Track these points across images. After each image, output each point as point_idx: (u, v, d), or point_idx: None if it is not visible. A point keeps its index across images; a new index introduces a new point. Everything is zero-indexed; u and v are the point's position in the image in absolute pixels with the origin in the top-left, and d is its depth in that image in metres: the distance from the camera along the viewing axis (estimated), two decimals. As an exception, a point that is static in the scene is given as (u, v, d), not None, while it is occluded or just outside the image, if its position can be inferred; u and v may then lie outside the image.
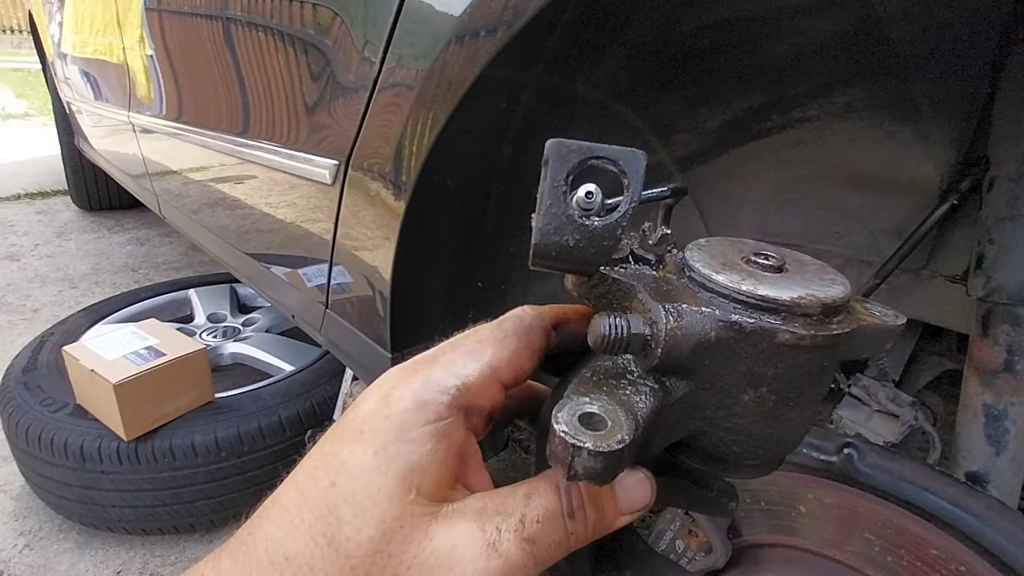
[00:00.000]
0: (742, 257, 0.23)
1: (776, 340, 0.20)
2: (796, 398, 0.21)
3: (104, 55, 1.64)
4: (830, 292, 0.21)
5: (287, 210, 0.93)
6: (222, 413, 1.18)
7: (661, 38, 0.60)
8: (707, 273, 0.22)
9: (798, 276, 0.22)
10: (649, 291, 0.21)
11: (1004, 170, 0.55)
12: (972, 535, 0.42)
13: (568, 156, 0.20)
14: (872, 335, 0.22)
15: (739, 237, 0.26)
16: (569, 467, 0.17)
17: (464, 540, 0.20)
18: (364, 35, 0.63)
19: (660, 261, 0.24)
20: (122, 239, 2.80)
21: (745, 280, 0.21)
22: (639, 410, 0.20)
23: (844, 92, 0.65)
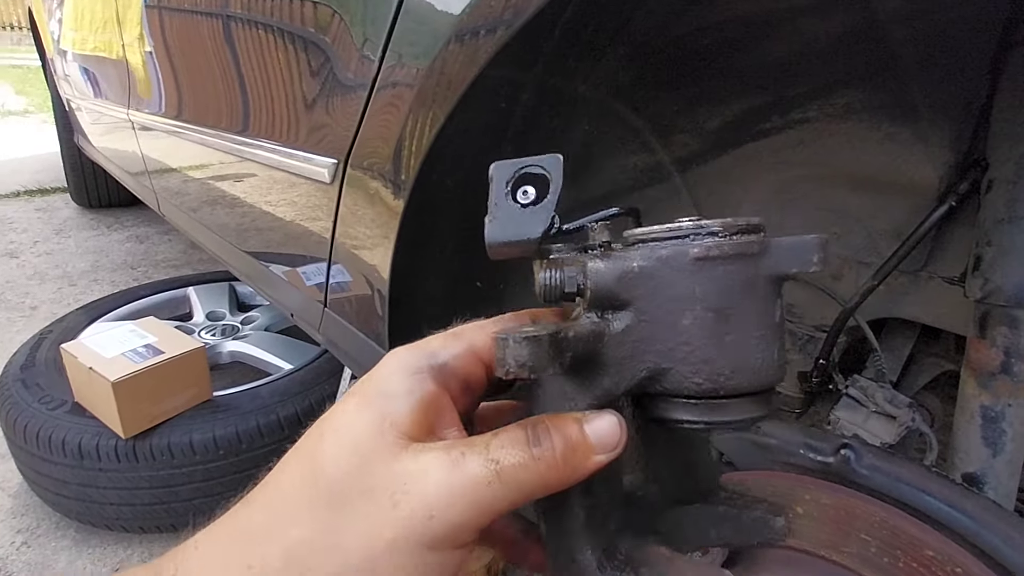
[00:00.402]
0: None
1: (689, 256, 0.22)
2: (734, 313, 0.22)
3: (104, 52, 1.64)
4: (738, 220, 0.24)
5: (286, 208, 0.93)
6: (220, 411, 1.18)
7: (661, 38, 0.60)
8: (634, 232, 0.25)
9: None
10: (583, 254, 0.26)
11: (1002, 172, 0.55)
12: (968, 537, 0.42)
13: (506, 170, 0.26)
14: (790, 248, 0.23)
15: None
16: (502, 361, 0.20)
17: (432, 461, 0.22)
18: (363, 33, 0.63)
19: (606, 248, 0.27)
20: (121, 237, 2.80)
21: (663, 227, 0.24)
22: (573, 328, 0.23)
23: (843, 93, 0.65)
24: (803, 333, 0.87)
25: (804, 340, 0.88)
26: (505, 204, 0.26)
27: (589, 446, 0.23)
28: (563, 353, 0.21)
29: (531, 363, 0.20)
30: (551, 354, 0.20)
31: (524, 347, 0.20)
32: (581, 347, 0.22)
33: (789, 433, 0.52)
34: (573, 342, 0.22)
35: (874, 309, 0.76)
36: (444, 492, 0.21)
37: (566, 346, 0.21)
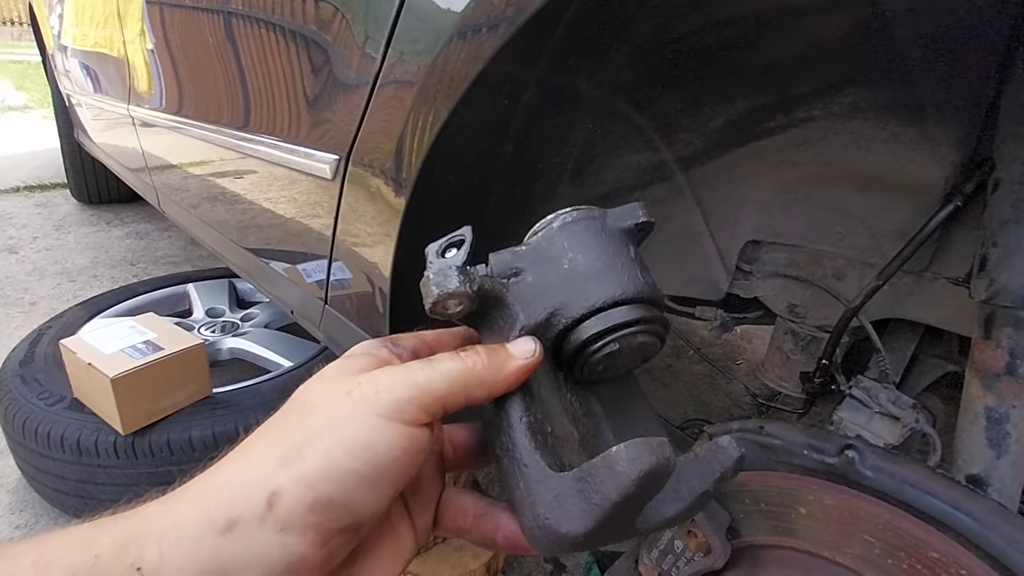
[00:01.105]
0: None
1: (554, 227, 0.32)
2: (595, 254, 0.30)
3: (104, 48, 1.64)
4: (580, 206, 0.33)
5: (286, 205, 0.93)
6: (220, 408, 1.18)
7: (665, 36, 0.59)
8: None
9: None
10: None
11: (1009, 172, 0.55)
12: (973, 538, 0.41)
13: (436, 245, 0.32)
14: (622, 211, 0.33)
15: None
16: (427, 291, 0.29)
17: (375, 365, 0.29)
18: (365, 30, 0.63)
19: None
20: (121, 233, 2.79)
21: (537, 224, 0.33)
22: (481, 274, 0.31)
23: (849, 92, 0.64)
24: (806, 333, 0.87)
25: (807, 340, 0.87)
26: (437, 263, 0.31)
27: (508, 351, 0.28)
28: (472, 282, 0.29)
29: (448, 288, 0.28)
30: (462, 280, 0.28)
31: (442, 275, 0.29)
32: (488, 285, 0.30)
33: (792, 434, 0.52)
34: (481, 280, 0.29)
35: (878, 309, 0.76)
36: (386, 376, 0.27)
37: (474, 277, 0.29)
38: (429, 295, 0.29)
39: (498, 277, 0.31)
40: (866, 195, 0.72)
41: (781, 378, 0.91)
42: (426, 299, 0.29)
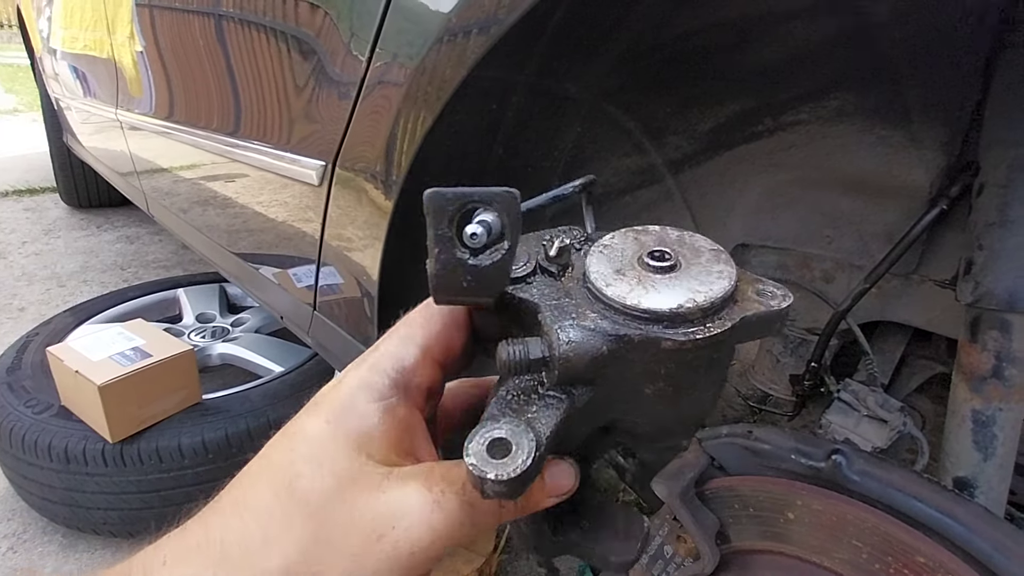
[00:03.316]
0: (638, 257, 0.26)
1: (661, 347, 0.23)
2: (693, 386, 0.25)
3: (93, 51, 1.63)
4: (712, 292, 0.24)
5: (275, 210, 0.92)
6: (210, 415, 1.17)
7: (653, 40, 0.59)
8: (600, 286, 0.25)
9: (686, 275, 0.25)
10: (549, 309, 0.25)
11: (994, 176, 0.55)
12: (959, 543, 0.41)
13: (445, 204, 0.22)
14: (758, 323, 0.25)
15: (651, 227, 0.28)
16: (482, 491, 0.21)
17: (413, 495, 0.23)
18: (351, 30, 0.63)
19: (563, 270, 0.27)
20: (111, 237, 2.77)
21: (633, 290, 0.24)
22: (544, 426, 0.23)
23: (835, 96, 0.65)
24: (795, 336, 0.87)
25: (796, 343, 0.88)
26: (449, 250, 0.22)
27: (545, 492, 0.25)
28: (539, 466, 0.22)
29: (514, 495, 0.21)
30: (531, 478, 0.21)
31: (503, 487, 0.21)
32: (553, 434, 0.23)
33: (781, 438, 0.52)
34: (548, 441, 0.22)
35: (866, 312, 0.76)
36: (426, 533, 0.22)
37: (541, 458, 0.22)
38: (472, 483, 0.21)
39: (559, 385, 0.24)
40: (854, 198, 0.73)
41: (771, 381, 0.92)
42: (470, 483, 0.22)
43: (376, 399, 0.25)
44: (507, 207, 0.22)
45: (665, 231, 0.28)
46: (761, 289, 0.26)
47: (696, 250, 0.27)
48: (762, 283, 0.26)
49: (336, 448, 0.23)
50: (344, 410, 0.25)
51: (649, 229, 0.28)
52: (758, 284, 0.26)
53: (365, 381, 0.25)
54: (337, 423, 0.24)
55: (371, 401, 0.25)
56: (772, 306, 0.25)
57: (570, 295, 0.26)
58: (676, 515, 0.53)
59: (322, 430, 0.24)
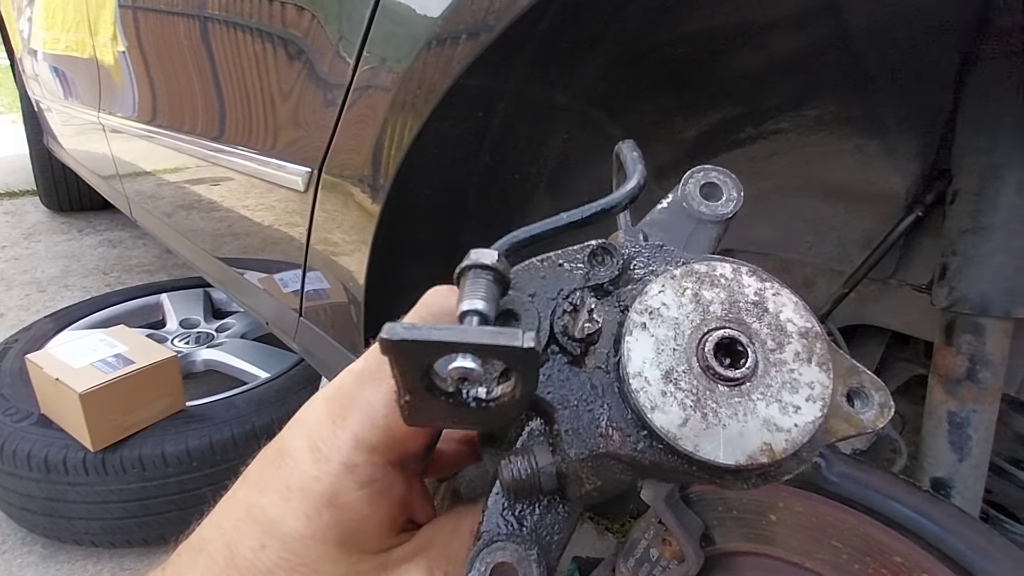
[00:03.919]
0: (699, 347, 0.20)
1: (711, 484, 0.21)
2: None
3: (75, 52, 1.60)
4: (794, 434, 0.19)
5: (261, 215, 0.92)
6: (194, 422, 1.15)
7: (638, 49, 0.60)
8: (643, 405, 0.19)
9: (764, 390, 0.20)
10: (568, 416, 0.20)
11: (966, 183, 0.57)
12: (935, 543, 0.42)
13: (415, 354, 0.17)
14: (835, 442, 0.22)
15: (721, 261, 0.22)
16: None
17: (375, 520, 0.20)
18: (338, 35, 0.62)
19: (585, 353, 0.22)
20: (93, 241, 2.73)
21: (690, 420, 0.19)
22: (554, 543, 0.21)
23: (815, 105, 0.66)
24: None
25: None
26: (424, 399, 0.19)
27: None
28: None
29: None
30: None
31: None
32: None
33: (763, 441, 0.53)
34: (558, 558, 0.21)
35: (846, 316, 0.77)
36: None
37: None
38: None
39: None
40: (833, 205, 0.74)
41: (756, 383, 0.93)
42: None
43: (364, 484, 0.20)
44: (520, 362, 0.18)
45: (739, 279, 0.21)
46: (855, 390, 0.21)
47: (781, 330, 0.21)
48: (858, 379, 0.21)
49: (319, 552, 0.20)
50: (327, 504, 0.20)
51: (717, 274, 0.22)
52: (852, 380, 0.21)
53: (349, 463, 0.20)
54: (319, 520, 0.20)
55: (358, 488, 0.20)
56: (865, 425, 0.21)
57: (597, 392, 0.21)
58: (661, 518, 0.54)
59: (299, 530, 0.20)
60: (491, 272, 0.20)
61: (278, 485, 0.20)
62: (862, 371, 0.22)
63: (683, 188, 0.26)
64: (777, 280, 0.22)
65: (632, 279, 0.23)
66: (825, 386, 0.20)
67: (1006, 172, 0.54)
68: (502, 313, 0.21)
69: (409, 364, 0.17)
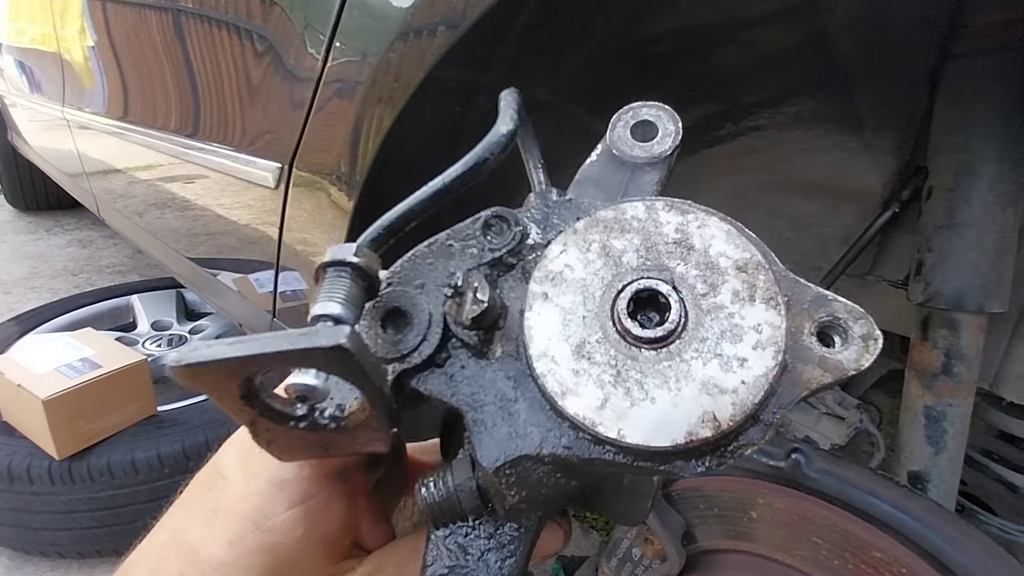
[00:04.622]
0: (613, 309, 0.17)
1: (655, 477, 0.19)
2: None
3: (40, 45, 1.55)
4: (745, 396, 0.16)
5: (236, 214, 0.89)
6: (166, 427, 1.12)
7: (620, 45, 0.60)
8: (554, 392, 0.17)
9: (697, 345, 0.17)
10: (477, 417, 0.17)
11: (941, 180, 0.57)
12: (913, 538, 0.43)
13: (218, 379, 0.15)
14: (808, 395, 0.18)
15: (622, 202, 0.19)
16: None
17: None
18: (306, 25, 0.61)
19: (487, 342, 0.19)
20: (62, 241, 2.64)
21: (609, 401, 0.16)
22: (507, 570, 0.18)
23: (794, 102, 0.66)
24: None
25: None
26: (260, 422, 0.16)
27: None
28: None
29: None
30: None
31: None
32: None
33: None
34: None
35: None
36: None
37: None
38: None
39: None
40: (812, 201, 0.75)
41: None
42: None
43: (296, 503, 0.18)
44: (337, 365, 0.14)
45: (655, 217, 0.18)
46: (828, 324, 0.18)
47: (713, 268, 0.18)
48: (828, 309, 0.18)
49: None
50: (253, 527, 0.18)
51: (627, 217, 0.19)
52: (821, 313, 0.18)
53: (277, 479, 0.18)
54: (241, 546, 0.17)
55: (288, 508, 0.18)
56: (845, 367, 0.17)
57: (510, 385, 0.18)
58: (643, 518, 0.53)
59: (222, 556, 0.17)
60: (349, 269, 0.18)
61: (205, 508, 0.18)
62: (833, 299, 0.18)
63: (611, 134, 0.23)
64: (703, 209, 0.19)
65: (538, 246, 0.20)
66: (776, 326, 0.17)
67: (980, 169, 0.54)
68: (389, 312, 0.20)
69: (220, 390, 0.15)
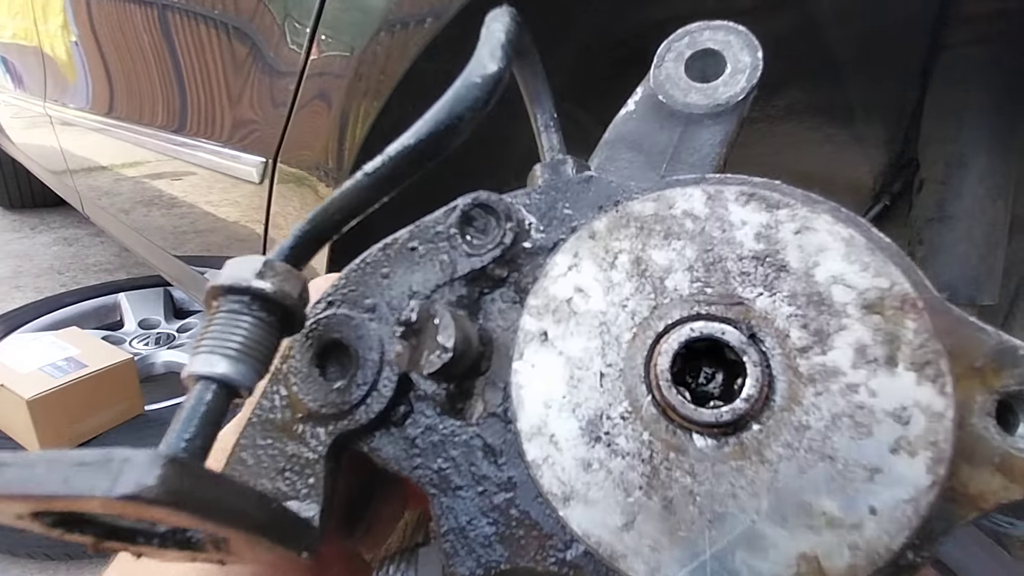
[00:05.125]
0: (650, 382, 0.11)
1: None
2: None
3: (21, 40, 1.52)
4: (852, 552, 0.10)
5: (225, 211, 0.88)
6: (154, 427, 1.11)
7: (606, 38, 0.59)
8: (550, 490, 0.11)
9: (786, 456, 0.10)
10: (445, 510, 0.12)
11: (932, 172, 0.57)
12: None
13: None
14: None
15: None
16: None
17: None
18: (287, 16, 0.59)
19: (463, 395, 0.13)
20: (47, 239, 2.60)
21: (636, 523, 0.10)
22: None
23: (784, 94, 0.66)
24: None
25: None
26: None
27: None
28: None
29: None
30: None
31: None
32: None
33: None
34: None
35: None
36: None
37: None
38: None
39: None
40: (803, 195, 0.74)
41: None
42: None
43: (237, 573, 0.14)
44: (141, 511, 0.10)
45: (722, 214, 0.13)
46: (1015, 396, 0.11)
47: (821, 302, 0.11)
48: (1017, 373, 0.11)
49: None
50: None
51: (676, 213, 0.13)
52: (1004, 379, 0.11)
53: None
54: None
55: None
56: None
57: (492, 460, 0.13)
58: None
59: None
60: (248, 298, 0.13)
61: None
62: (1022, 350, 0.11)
63: (656, 71, 0.15)
64: (801, 199, 0.12)
65: (540, 250, 0.14)
66: (937, 413, 0.10)
67: (970, 161, 0.54)
68: (327, 347, 0.14)
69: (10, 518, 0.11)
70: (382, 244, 0.17)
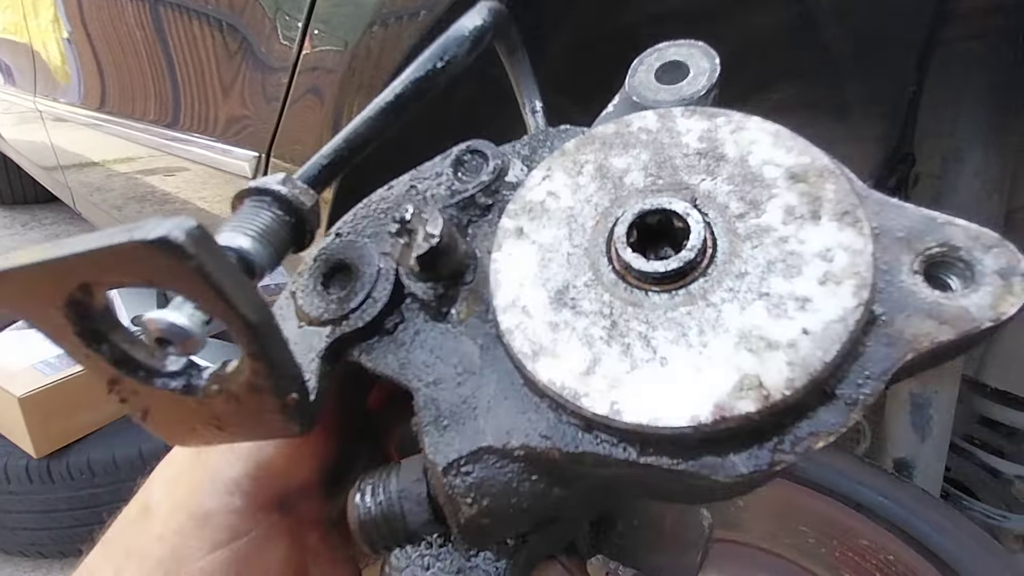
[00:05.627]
0: (610, 252, 0.13)
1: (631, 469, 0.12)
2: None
3: (10, 34, 1.50)
4: (790, 367, 0.11)
5: (219, 208, 0.87)
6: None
7: (601, 30, 0.59)
8: (519, 349, 0.12)
9: (730, 282, 0.12)
10: (429, 401, 0.13)
11: (928, 167, 0.57)
12: (899, 525, 0.43)
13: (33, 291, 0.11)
14: (919, 362, 0.13)
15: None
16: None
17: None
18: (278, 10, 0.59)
19: (449, 300, 0.14)
20: (39, 236, 2.58)
21: (598, 367, 0.11)
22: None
23: (778, 88, 0.66)
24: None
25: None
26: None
27: None
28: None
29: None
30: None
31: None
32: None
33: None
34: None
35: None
36: None
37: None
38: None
39: None
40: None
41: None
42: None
43: (220, 543, 0.14)
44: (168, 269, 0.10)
45: (670, 126, 0.14)
46: (941, 255, 0.12)
47: (754, 180, 0.13)
48: (941, 235, 0.12)
49: None
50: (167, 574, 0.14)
51: (633, 130, 0.15)
52: (931, 240, 0.12)
53: (198, 512, 0.15)
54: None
55: (211, 550, 0.14)
56: (975, 317, 0.11)
57: (474, 355, 0.14)
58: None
59: None
60: (269, 199, 0.14)
61: (120, 549, 0.15)
62: (946, 222, 0.12)
63: (631, 79, 0.18)
64: (737, 111, 0.14)
65: (521, 183, 0.15)
66: (856, 250, 0.11)
67: (966, 155, 0.54)
68: (333, 267, 0.17)
69: (42, 318, 0.11)
70: (386, 186, 0.19)
